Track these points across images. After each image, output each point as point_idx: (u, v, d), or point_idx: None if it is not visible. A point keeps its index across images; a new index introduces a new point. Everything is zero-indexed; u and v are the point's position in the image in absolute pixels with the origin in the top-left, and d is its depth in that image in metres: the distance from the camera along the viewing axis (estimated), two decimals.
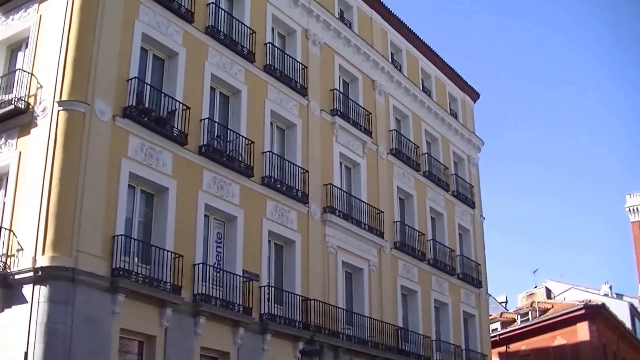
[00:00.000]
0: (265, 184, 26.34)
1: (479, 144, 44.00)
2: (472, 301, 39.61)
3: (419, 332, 33.69)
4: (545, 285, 70.94)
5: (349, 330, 29.04)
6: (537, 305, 58.92)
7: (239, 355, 23.78)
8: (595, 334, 53.24)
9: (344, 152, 31.69)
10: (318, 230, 28.79)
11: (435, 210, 37.97)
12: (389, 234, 33.17)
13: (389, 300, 32.26)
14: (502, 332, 57.34)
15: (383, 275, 32.18)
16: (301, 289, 27.07)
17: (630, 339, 64.33)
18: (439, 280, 36.66)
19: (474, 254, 40.82)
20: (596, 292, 71.54)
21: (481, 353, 39.08)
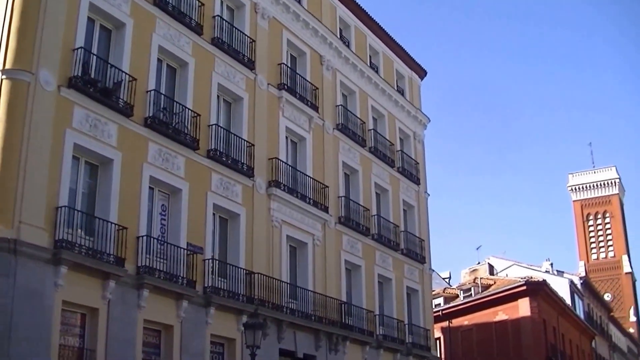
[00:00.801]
0: (210, 157, 26.52)
1: (425, 121, 44.58)
2: (416, 276, 40.30)
3: (362, 307, 34.26)
4: (488, 261, 72.22)
5: (293, 304, 29.44)
6: (479, 281, 60.13)
7: (183, 328, 24.00)
8: (536, 309, 54.63)
9: (290, 127, 31.96)
10: (263, 204, 29.08)
11: (380, 186, 38.49)
12: (334, 209, 33.59)
13: (332, 274, 32.76)
14: (445, 308, 58.44)
15: (327, 249, 32.64)
16: (245, 263, 27.36)
17: (569, 315, 66.04)
18: (383, 255, 37.24)
19: (418, 229, 41.50)
20: (538, 269, 73.15)
21: (424, 328, 39.82)
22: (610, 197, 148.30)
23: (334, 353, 31.25)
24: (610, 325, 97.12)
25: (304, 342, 29.74)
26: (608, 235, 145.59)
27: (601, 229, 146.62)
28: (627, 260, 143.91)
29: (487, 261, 72.08)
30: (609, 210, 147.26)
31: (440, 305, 58.37)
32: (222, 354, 26.12)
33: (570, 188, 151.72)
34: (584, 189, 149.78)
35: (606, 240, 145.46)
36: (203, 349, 24.73)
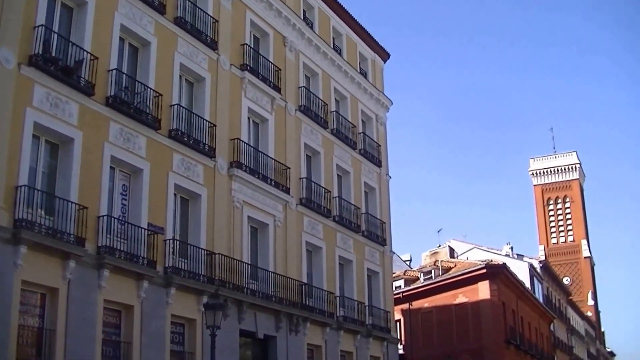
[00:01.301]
0: (172, 137, 26.63)
1: (387, 103, 45.00)
2: (377, 259, 40.81)
3: (323, 288, 34.69)
4: (449, 244, 72.98)
5: (253, 285, 29.72)
6: (440, 264, 60.87)
7: (143, 308, 24.14)
8: (496, 292, 55.48)
9: (252, 108, 32.14)
10: (224, 184, 29.28)
11: (342, 167, 38.86)
12: (295, 190, 33.89)
13: (293, 256, 33.10)
14: (405, 290, 59.09)
15: (288, 231, 32.96)
16: (206, 243, 27.59)
17: (529, 298, 67.11)
18: (344, 237, 37.66)
19: (379, 212, 41.96)
20: (498, 253, 74.16)
21: (384, 310, 40.36)
22: (571, 182, 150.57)
23: (294, 334, 31.66)
24: (568, 309, 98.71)
25: (265, 323, 30.07)
26: (568, 220, 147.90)
27: (561, 214, 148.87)
28: (586, 245, 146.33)
29: (447, 244, 72.85)
30: (569, 195, 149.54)
31: (400, 288, 58.97)
32: (182, 334, 26.30)
33: (531, 172, 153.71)
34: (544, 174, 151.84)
35: (566, 224, 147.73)
36: (163, 329, 24.92)
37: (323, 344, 34.04)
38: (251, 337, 29.70)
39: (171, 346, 25.36)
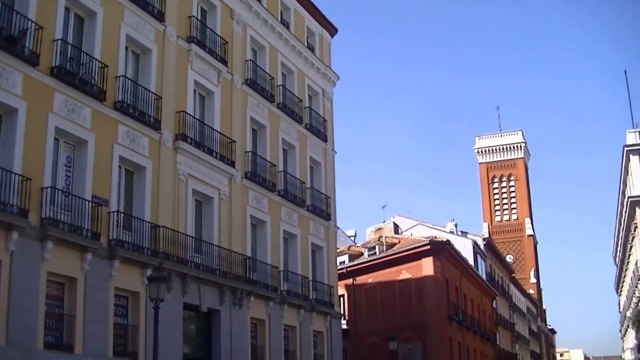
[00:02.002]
0: (117, 108, 26.79)
1: (334, 78, 45.49)
2: (321, 233, 41.44)
3: (267, 262, 35.22)
4: (394, 220, 73.85)
5: (198, 259, 30.13)
6: (384, 240, 61.71)
7: (87, 280, 24.33)
8: (439, 269, 56.56)
9: (198, 80, 32.37)
10: (169, 157, 29.54)
11: (288, 142, 39.32)
12: (241, 164, 34.27)
13: (238, 229, 33.53)
14: (349, 265, 59.88)
15: (233, 204, 33.36)
16: (151, 216, 27.85)
17: (472, 275, 68.45)
18: (289, 211, 38.19)
19: (325, 187, 42.57)
20: (442, 229, 75.32)
21: (328, 284, 41.07)
22: (516, 160, 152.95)
23: (238, 308, 32.16)
24: (511, 286, 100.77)
25: (208, 296, 30.52)
26: (512, 198, 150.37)
27: (505, 192, 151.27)
28: (530, 223, 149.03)
29: (392, 220, 73.71)
30: (514, 174, 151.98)
31: (344, 263, 59.77)
32: (125, 307, 26.57)
33: (476, 150, 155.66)
34: (490, 152, 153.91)
35: (510, 203, 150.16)
36: (107, 302, 25.16)
37: (267, 318, 34.63)
38: (195, 310, 30.12)
39: (114, 319, 25.61)
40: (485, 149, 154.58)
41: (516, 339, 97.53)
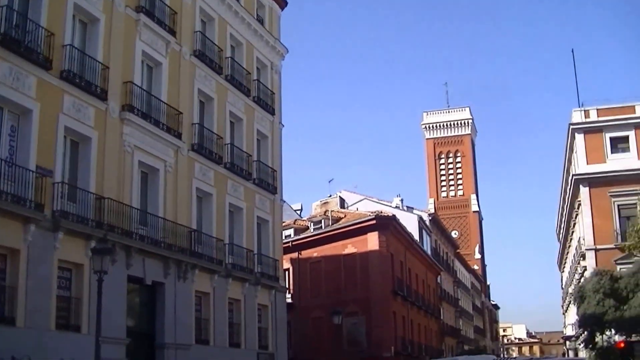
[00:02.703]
0: (63, 78, 26.67)
1: (282, 51, 45.61)
2: (267, 207, 41.75)
3: (212, 235, 35.43)
4: (340, 195, 74.56)
5: (143, 231, 30.22)
6: (330, 214, 62.39)
7: (29, 252, 24.32)
8: (384, 244, 57.45)
9: (146, 51, 32.28)
10: (115, 128, 29.50)
11: (235, 114, 39.43)
12: (187, 136, 34.34)
13: (183, 202, 33.69)
14: (295, 239, 60.46)
15: (179, 176, 33.47)
16: (95, 187, 27.84)
17: (417, 250, 69.58)
18: (235, 184, 38.40)
19: (271, 160, 42.83)
20: (388, 204, 76.16)
21: (273, 258, 41.45)
22: (463, 137, 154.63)
23: (183, 281, 32.41)
24: (455, 262, 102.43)
25: (153, 269, 30.71)
26: (458, 175, 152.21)
27: (452, 168, 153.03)
28: (475, 200, 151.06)
29: (338, 194, 74.42)
30: (460, 150, 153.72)
31: (290, 237, 60.31)
32: (69, 279, 26.62)
33: (424, 126, 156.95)
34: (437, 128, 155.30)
35: (456, 179, 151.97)
36: (50, 274, 25.20)
37: (211, 291, 34.95)
38: (139, 283, 30.29)
39: (58, 291, 25.66)
40: (432, 125, 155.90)
41: (460, 314, 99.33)
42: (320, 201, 73.02)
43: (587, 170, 57.24)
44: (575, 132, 58.77)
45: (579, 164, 58.56)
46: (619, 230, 54.34)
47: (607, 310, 44.60)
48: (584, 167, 57.62)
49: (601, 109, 58.64)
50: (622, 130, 57.36)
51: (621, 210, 55.41)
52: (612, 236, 54.69)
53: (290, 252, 57.60)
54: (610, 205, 55.73)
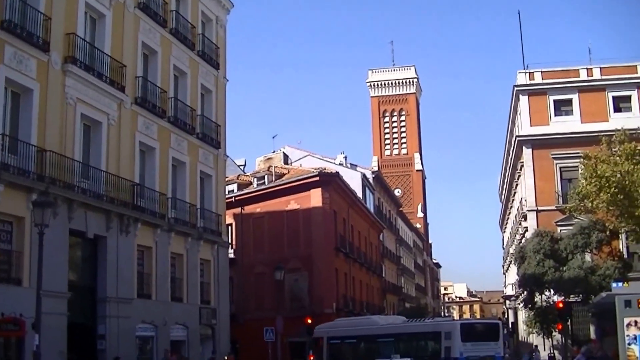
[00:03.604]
0: (4, 28, 26.48)
1: (228, 6, 45.61)
2: (210, 162, 42.13)
3: (155, 189, 35.79)
4: (283, 151, 74.96)
5: (85, 184, 30.41)
6: (273, 170, 62.77)
7: None
8: (328, 200, 58.10)
9: (90, 2, 32.08)
10: (58, 80, 29.48)
11: (179, 68, 39.54)
12: (131, 89, 34.41)
13: (126, 155, 33.87)
14: (238, 194, 60.83)
15: (122, 130, 33.60)
16: (37, 140, 27.90)
17: (360, 207, 70.43)
18: (178, 138, 38.66)
19: (215, 115, 43.11)
20: (332, 161, 76.74)
21: (216, 213, 41.95)
22: (407, 95, 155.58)
23: (125, 235, 32.76)
24: (398, 220, 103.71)
25: (95, 222, 31.01)
26: (402, 133, 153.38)
27: (396, 127, 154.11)
28: (419, 159, 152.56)
29: (282, 150, 74.82)
30: (405, 109, 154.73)
31: (233, 192, 60.67)
32: (10, 232, 26.82)
33: (369, 84, 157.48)
34: (382, 86, 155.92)
35: (400, 137, 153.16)
36: None
37: (154, 246, 35.41)
38: (81, 236, 30.60)
39: None
40: (377, 83, 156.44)
41: (402, 271, 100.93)
42: (264, 157, 73.36)
43: (530, 132, 58.54)
44: (519, 93, 59.93)
45: (522, 125, 59.79)
46: (561, 192, 55.86)
47: (547, 270, 46.09)
48: (527, 128, 58.87)
49: (546, 72, 59.87)
50: (566, 93, 58.68)
51: (563, 172, 56.92)
52: (554, 198, 56.18)
53: (233, 208, 58.05)
54: (552, 168, 57.16)
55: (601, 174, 38.59)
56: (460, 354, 35.88)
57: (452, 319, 42.71)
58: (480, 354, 36.38)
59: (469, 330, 37.88)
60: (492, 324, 41.56)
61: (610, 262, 45.76)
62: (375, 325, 41.63)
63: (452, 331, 37.10)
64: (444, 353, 36.68)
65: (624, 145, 39.48)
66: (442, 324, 40.72)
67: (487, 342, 37.49)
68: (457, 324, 38.52)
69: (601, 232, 45.71)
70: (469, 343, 36.47)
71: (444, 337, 37.26)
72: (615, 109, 57.52)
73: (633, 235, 42.42)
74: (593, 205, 41.10)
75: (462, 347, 36.15)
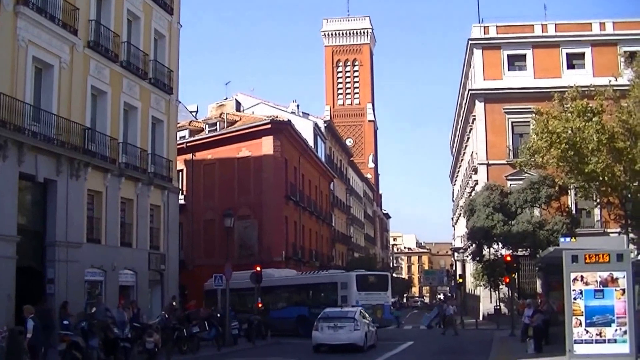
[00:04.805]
0: None
1: None
2: (162, 107, 42.10)
3: (106, 134, 35.76)
4: (236, 98, 75.03)
5: (35, 127, 30.29)
6: (225, 117, 62.99)
7: None
8: (279, 148, 58.67)
9: None
10: (9, 21, 29.11)
11: (132, 12, 39.22)
12: (83, 32, 34.12)
13: (78, 99, 33.72)
14: (189, 140, 61.08)
15: (74, 73, 33.39)
16: None
17: (311, 156, 71.04)
18: (130, 83, 38.57)
19: (168, 60, 42.95)
20: (284, 110, 77.06)
21: (167, 159, 42.04)
22: (362, 46, 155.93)
23: (75, 179, 32.77)
24: (349, 170, 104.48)
25: (45, 166, 30.98)
26: (355, 83, 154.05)
27: (349, 77, 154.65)
28: (371, 109, 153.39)
29: (234, 97, 74.89)
30: (358, 59, 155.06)
31: (185, 138, 60.74)
32: None
33: (323, 34, 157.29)
34: (336, 36, 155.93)
35: (353, 87, 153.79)
36: None
37: (104, 190, 35.53)
38: (31, 180, 30.58)
39: None
40: (332, 33, 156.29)
41: (351, 221, 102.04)
42: (217, 103, 73.35)
43: (483, 86, 59.37)
44: (473, 47, 60.57)
45: (475, 79, 60.54)
46: (512, 147, 56.92)
47: (496, 224, 47.23)
48: (480, 82, 59.66)
49: (501, 26, 60.57)
50: (520, 49, 59.52)
51: (515, 127, 57.94)
52: (505, 152, 57.25)
53: (185, 154, 58.19)
54: (504, 122, 58.15)
55: (552, 129, 39.40)
56: (356, 302, 40.63)
57: (346, 272, 46.40)
58: (372, 302, 42.04)
59: (363, 281, 43.60)
60: (383, 276, 47.67)
61: (558, 218, 47.00)
62: (272, 278, 43.59)
63: (348, 282, 43.01)
64: (341, 301, 41.81)
65: (576, 102, 40.30)
66: (338, 275, 45.36)
67: (378, 292, 43.72)
68: (353, 275, 44.02)
69: (550, 188, 46.89)
70: (363, 292, 42.35)
71: (340, 287, 43.02)
72: (568, 65, 58.55)
73: (582, 191, 43.52)
74: (543, 160, 42.03)
75: (357, 295, 41.91)
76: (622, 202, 41.07)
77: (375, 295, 43.15)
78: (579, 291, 20.83)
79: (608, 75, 43.31)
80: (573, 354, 20.71)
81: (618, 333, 20.47)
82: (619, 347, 20.50)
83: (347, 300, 41.48)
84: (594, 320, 20.66)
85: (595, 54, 57.79)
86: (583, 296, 20.78)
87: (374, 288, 43.71)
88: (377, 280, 45.32)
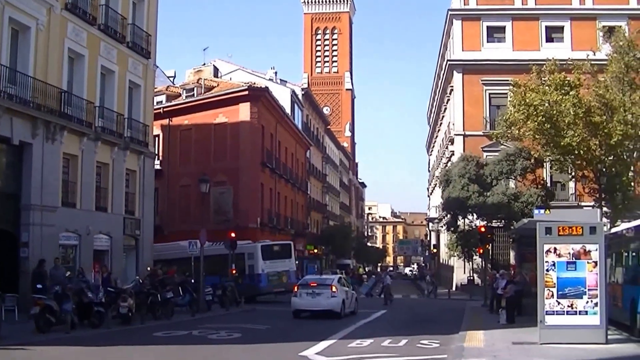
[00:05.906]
0: None
1: None
2: (139, 71, 41.84)
3: (82, 97, 35.56)
4: (214, 64, 74.76)
5: (11, 89, 30.10)
6: (203, 83, 62.81)
7: None
8: (256, 115, 58.66)
9: None
10: None
11: None
12: None
13: (54, 62, 33.47)
14: (166, 105, 60.85)
15: (51, 36, 33.11)
16: None
17: (288, 123, 71.08)
18: (108, 46, 38.26)
19: (146, 24, 42.58)
20: (262, 76, 76.91)
21: (143, 123, 41.88)
22: (341, 14, 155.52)
23: (51, 142, 32.65)
24: (325, 138, 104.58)
25: (21, 129, 30.85)
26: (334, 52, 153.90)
27: (328, 45, 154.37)
28: (349, 78, 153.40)
29: (212, 63, 74.59)
30: (337, 27, 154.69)
31: (162, 103, 60.53)
32: None
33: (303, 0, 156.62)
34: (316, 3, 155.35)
35: (332, 56, 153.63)
36: None
37: (79, 154, 35.39)
38: (6, 143, 30.47)
39: None
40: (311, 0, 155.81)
41: (327, 189, 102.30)
42: (194, 69, 73.03)
43: (461, 57, 59.52)
44: (453, 18, 60.65)
45: (454, 50, 60.66)
46: (489, 119, 57.18)
47: (471, 195, 47.53)
48: (459, 53, 59.79)
49: None
50: (500, 20, 59.66)
51: (492, 98, 58.18)
52: (481, 123, 57.52)
53: (161, 119, 58.03)
54: (482, 93, 58.37)
55: (529, 102, 39.50)
56: (262, 270, 45.33)
57: (252, 243, 47.58)
58: (277, 269, 46.09)
59: (268, 251, 46.65)
60: (286, 245, 49.86)
61: (533, 190, 47.33)
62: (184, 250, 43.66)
63: (254, 252, 45.99)
64: (248, 270, 45.83)
65: (554, 75, 40.37)
66: (245, 246, 46.26)
67: (283, 259, 47.08)
68: (258, 246, 46.72)
69: (526, 160, 47.16)
70: (268, 261, 45.93)
71: (247, 257, 46.01)
72: (547, 38, 58.77)
73: (557, 164, 43.75)
74: (520, 132, 42.21)
75: (263, 264, 45.56)
76: (597, 176, 41.33)
77: (280, 262, 46.62)
78: (552, 263, 20.99)
79: (586, 49, 43.38)
80: (544, 324, 20.93)
81: (589, 305, 20.69)
82: (589, 318, 20.72)
83: (254, 269, 45.62)
84: (565, 292, 20.85)
85: (574, 28, 57.98)
86: (555, 268, 20.94)
87: (278, 256, 46.98)
88: (281, 249, 48.02)
